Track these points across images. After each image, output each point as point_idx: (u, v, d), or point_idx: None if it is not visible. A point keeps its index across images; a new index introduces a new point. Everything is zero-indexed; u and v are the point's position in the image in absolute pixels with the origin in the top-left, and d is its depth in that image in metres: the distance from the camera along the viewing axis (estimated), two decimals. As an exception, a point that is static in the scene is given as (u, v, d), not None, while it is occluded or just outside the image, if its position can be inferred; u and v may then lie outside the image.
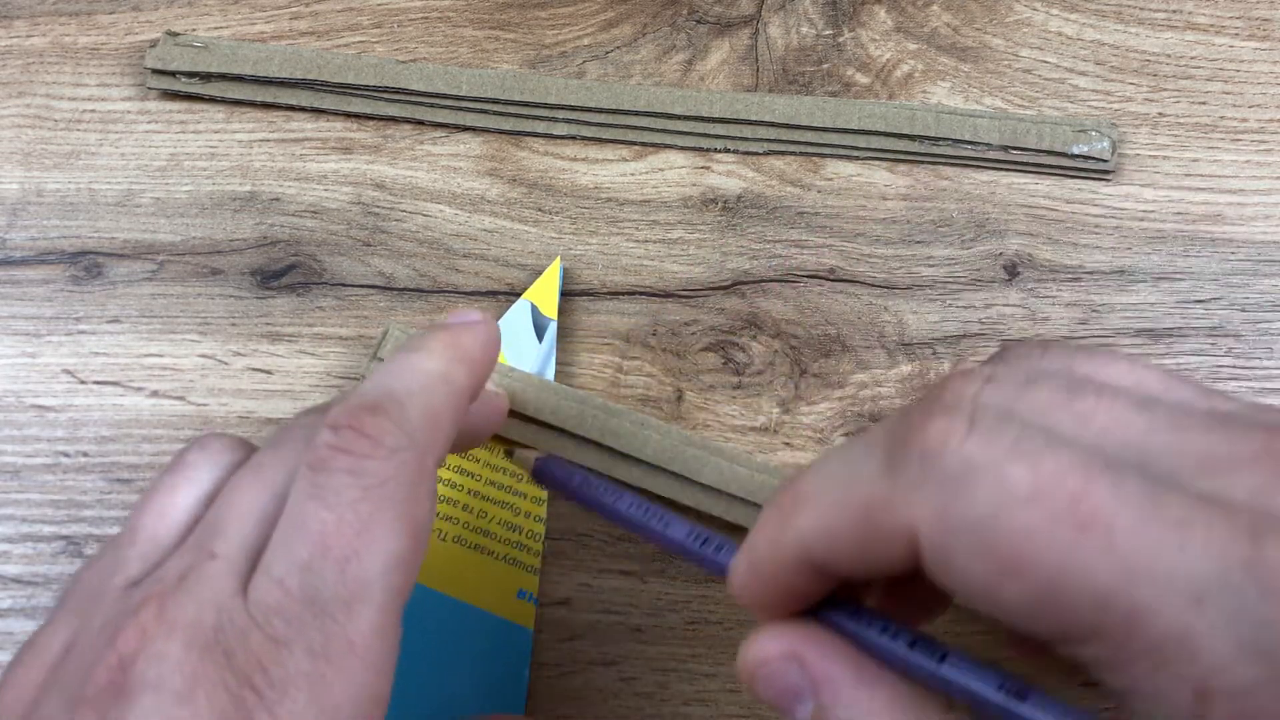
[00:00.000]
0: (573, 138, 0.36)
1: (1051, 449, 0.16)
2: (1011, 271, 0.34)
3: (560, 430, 0.31)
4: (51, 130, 0.36)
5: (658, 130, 0.35)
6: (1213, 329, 0.33)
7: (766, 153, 0.35)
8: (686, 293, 0.34)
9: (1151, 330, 0.33)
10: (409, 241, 0.35)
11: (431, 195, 0.35)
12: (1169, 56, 0.36)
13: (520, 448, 0.30)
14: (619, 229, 0.35)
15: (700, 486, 0.30)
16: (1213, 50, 0.36)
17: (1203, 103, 0.36)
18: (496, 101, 0.35)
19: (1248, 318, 0.33)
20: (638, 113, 0.35)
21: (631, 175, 0.35)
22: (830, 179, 0.35)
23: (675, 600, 0.31)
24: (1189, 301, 0.33)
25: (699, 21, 0.37)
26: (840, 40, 0.37)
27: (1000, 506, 0.15)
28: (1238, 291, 0.33)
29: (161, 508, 0.22)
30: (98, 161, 0.35)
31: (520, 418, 0.31)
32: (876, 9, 0.37)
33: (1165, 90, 0.36)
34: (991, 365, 0.19)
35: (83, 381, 0.33)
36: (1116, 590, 0.15)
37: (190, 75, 0.36)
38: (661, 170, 0.35)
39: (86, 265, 0.34)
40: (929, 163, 0.35)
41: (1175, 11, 0.37)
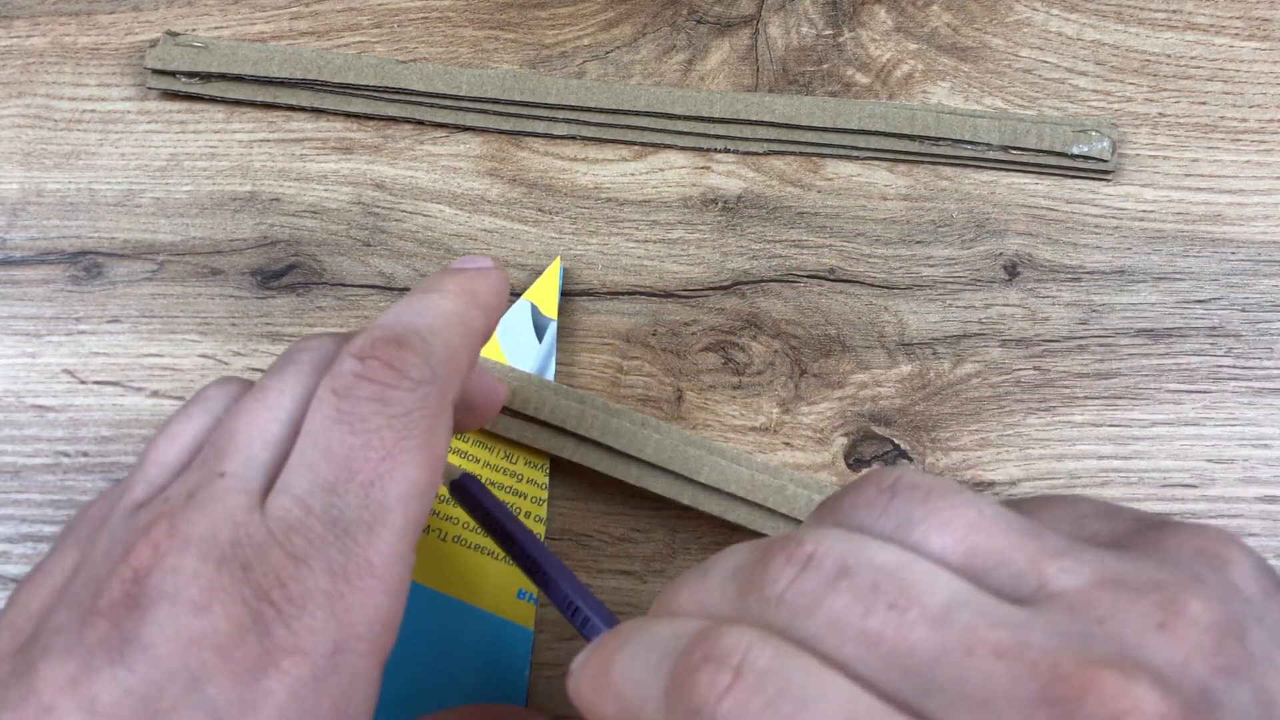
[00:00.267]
0: (573, 138, 0.36)
1: (806, 710, 0.15)
2: (1011, 271, 0.34)
3: (560, 430, 0.31)
4: (51, 130, 0.36)
5: (658, 130, 0.35)
6: (1213, 329, 0.33)
7: (766, 153, 0.35)
8: (686, 293, 0.34)
9: (1151, 330, 0.33)
10: (409, 241, 0.35)
11: (431, 195, 0.35)
12: (1169, 56, 0.36)
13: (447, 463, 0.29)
14: (619, 229, 0.35)
15: (700, 486, 0.30)
16: (1213, 50, 0.36)
17: (1203, 103, 0.36)
18: (496, 101, 0.35)
19: (1248, 318, 0.33)
20: (638, 113, 0.35)
21: (631, 175, 0.35)
22: (830, 179, 0.35)
23: (675, 600, 0.31)
24: (1189, 301, 0.33)
25: (699, 21, 0.37)
26: (840, 40, 0.37)
27: None
28: (1238, 291, 0.33)
29: (171, 435, 0.22)
30: (98, 161, 0.35)
31: (520, 417, 0.31)
32: (876, 9, 0.37)
33: (1165, 90, 0.36)
34: (820, 531, 0.17)
35: (83, 381, 0.33)
36: None
37: (190, 75, 0.36)
38: (661, 170, 0.35)
39: (86, 265, 0.34)
40: (929, 163, 0.35)
41: (1175, 11, 0.37)
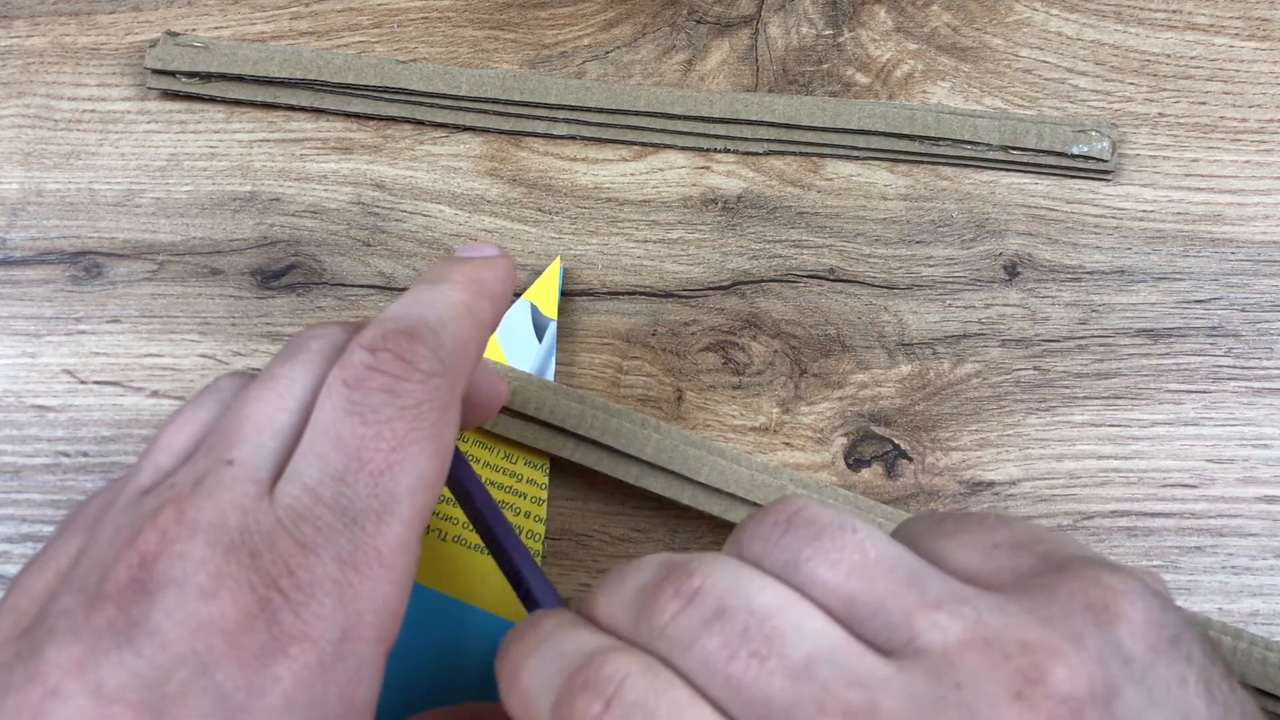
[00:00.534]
0: (573, 138, 0.36)
1: None
2: (1011, 271, 0.34)
3: (560, 430, 0.31)
4: (51, 130, 0.36)
5: (658, 130, 0.35)
6: (1213, 329, 0.33)
7: (766, 153, 0.35)
8: (686, 293, 0.34)
9: (1151, 330, 0.33)
10: (409, 241, 0.35)
11: (431, 195, 0.35)
12: (1169, 56, 0.36)
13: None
14: (619, 229, 0.35)
15: (699, 486, 0.30)
16: (1213, 50, 0.36)
17: (1203, 103, 0.36)
18: (496, 101, 0.35)
19: (1248, 318, 0.33)
20: (638, 113, 0.35)
21: (631, 175, 0.35)
22: (830, 179, 0.35)
23: (675, 600, 0.31)
24: (1189, 301, 0.33)
25: (699, 21, 0.37)
26: (840, 40, 0.37)
27: None
28: (1238, 291, 0.33)
29: (181, 423, 0.22)
30: (98, 161, 0.35)
31: (520, 417, 0.31)
32: (876, 9, 0.37)
33: (1165, 90, 0.36)
34: (709, 565, 0.18)
35: (83, 381, 0.33)
36: None
37: (190, 75, 0.36)
38: (661, 170, 0.35)
39: (86, 265, 0.34)
40: (929, 163, 0.35)
41: (1175, 11, 0.37)
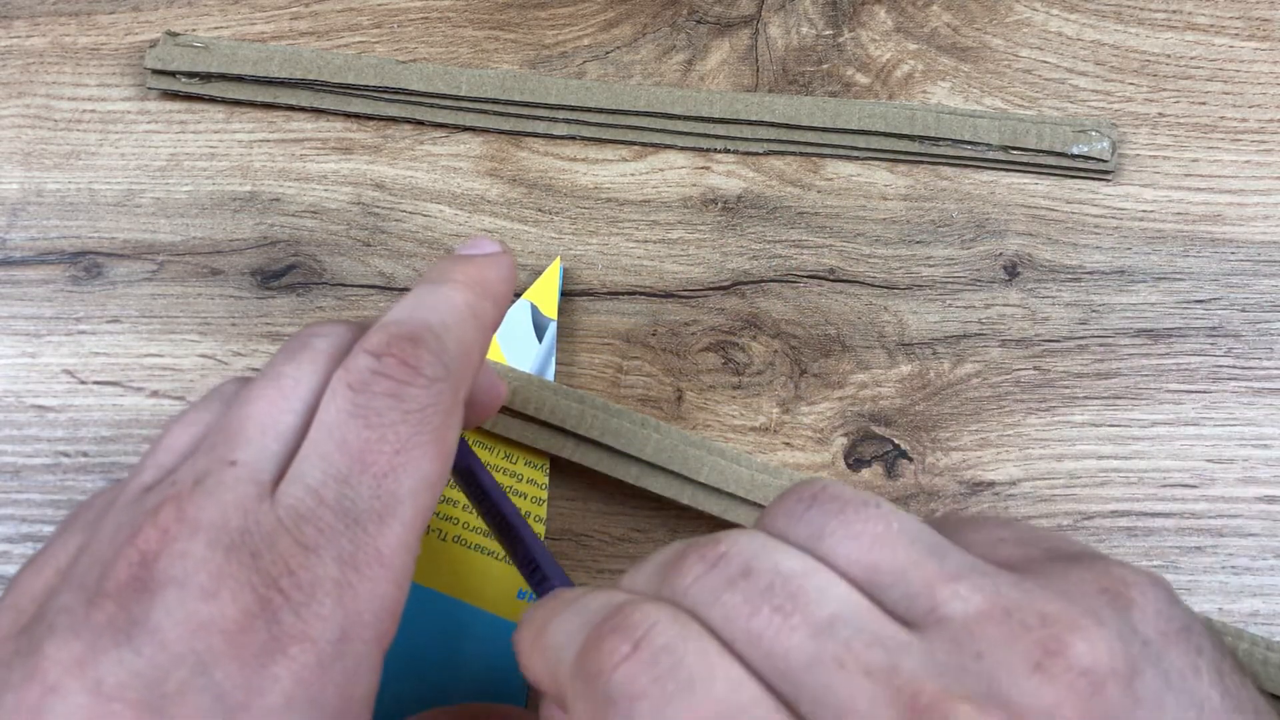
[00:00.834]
0: (573, 138, 0.36)
1: (686, 694, 0.16)
2: (1011, 271, 0.34)
3: (560, 430, 0.31)
4: (51, 130, 0.36)
5: (658, 130, 0.35)
6: (1213, 329, 0.33)
7: (766, 153, 0.35)
8: (686, 293, 0.34)
9: (1151, 330, 0.33)
10: (409, 241, 0.35)
11: (431, 195, 0.35)
12: (1169, 56, 0.36)
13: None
14: (619, 229, 0.35)
15: (699, 486, 0.30)
16: (1213, 50, 0.36)
17: (1203, 103, 0.36)
18: (496, 101, 0.35)
19: (1248, 318, 0.33)
20: (638, 113, 0.35)
21: (631, 175, 0.35)
22: (830, 179, 0.35)
23: (675, 600, 0.31)
24: (1189, 301, 0.33)
25: (699, 21, 0.37)
26: (840, 40, 0.37)
27: None
28: (1238, 291, 0.33)
29: (186, 423, 0.22)
30: (98, 161, 0.35)
31: (520, 417, 0.31)
32: (876, 9, 0.37)
33: (1165, 90, 0.36)
34: (737, 535, 0.19)
35: (83, 381, 0.33)
36: None
37: (190, 75, 0.36)
38: (661, 170, 0.35)
39: (86, 265, 0.34)
40: (929, 163, 0.35)
41: (1175, 11, 0.37)
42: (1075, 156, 0.34)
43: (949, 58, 0.36)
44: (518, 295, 0.33)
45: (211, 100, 0.36)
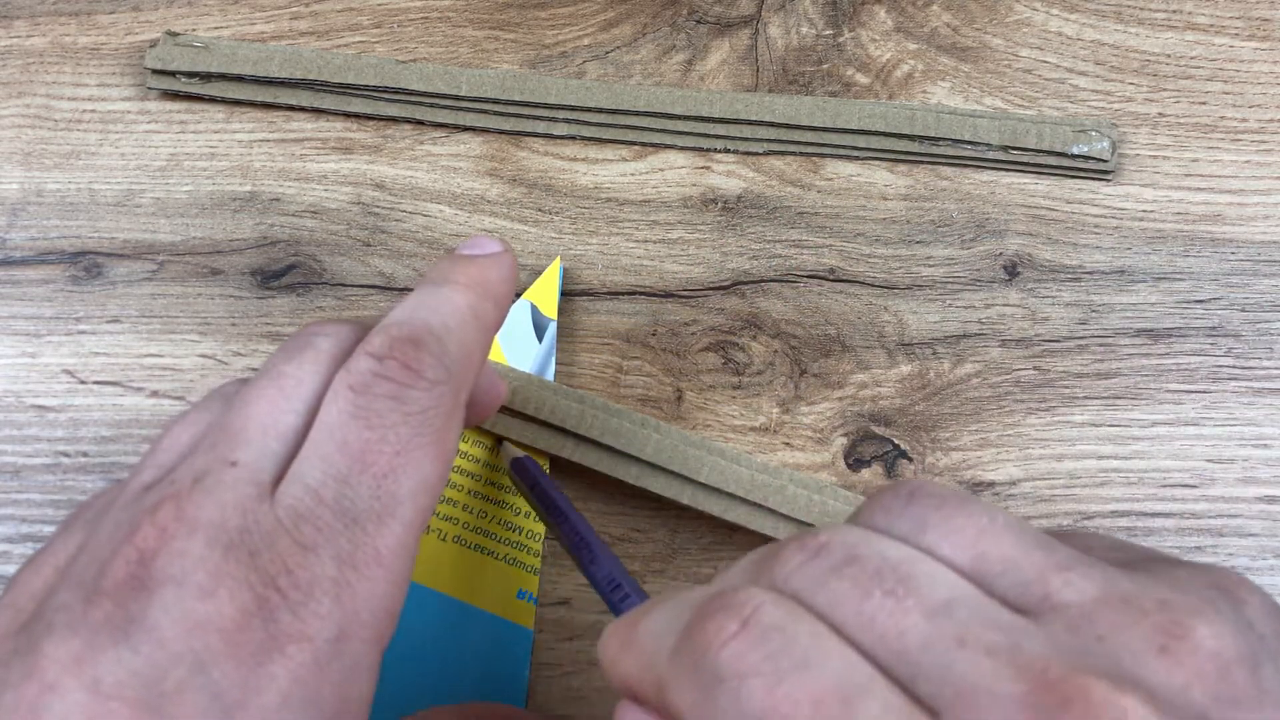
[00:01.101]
0: (573, 138, 0.36)
1: (800, 671, 0.16)
2: (1011, 271, 0.34)
3: (560, 430, 0.31)
4: (51, 130, 0.36)
5: (658, 130, 0.35)
6: (1213, 329, 0.33)
7: (766, 153, 0.35)
8: (686, 293, 0.34)
9: (1151, 330, 0.33)
10: (409, 241, 0.35)
11: (431, 195, 0.35)
12: (1169, 56, 0.36)
13: (513, 444, 0.30)
14: (619, 229, 0.35)
15: (699, 486, 0.30)
16: (1213, 50, 0.36)
17: (1203, 103, 0.36)
18: (496, 101, 0.35)
19: (1248, 318, 0.33)
20: (638, 113, 0.35)
21: (631, 175, 0.35)
22: (830, 179, 0.35)
23: (675, 600, 0.31)
24: (1189, 301, 0.33)
25: (699, 21, 0.37)
26: (840, 40, 0.37)
27: (735, 718, 0.16)
28: (1238, 291, 0.33)
29: (187, 423, 0.23)
30: (98, 161, 0.35)
31: (520, 417, 0.31)
32: (876, 9, 0.37)
33: (1165, 90, 0.36)
34: (838, 528, 0.18)
35: (83, 381, 0.33)
36: None
37: (190, 75, 0.36)
38: (661, 170, 0.35)
39: (86, 265, 0.34)
40: (929, 163, 0.35)
41: (1175, 11, 0.37)
42: (1075, 156, 0.34)
43: (949, 58, 0.36)
44: (518, 295, 0.33)
45: (211, 100, 0.36)
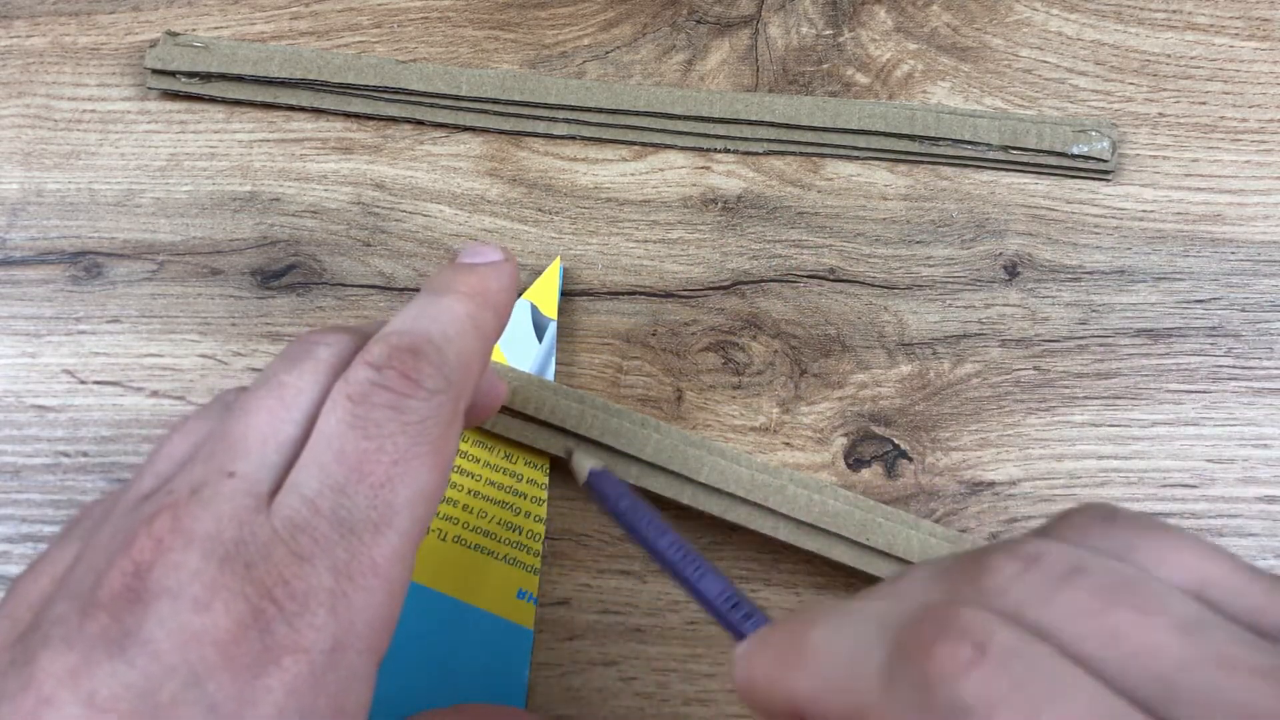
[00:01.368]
0: (573, 138, 0.36)
1: (1054, 702, 0.14)
2: (1011, 271, 0.34)
3: (560, 430, 0.31)
4: (51, 130, 0.36)
5: (658, 130, 0.35)
6: (1213, 329, 0.33)
7: (766, 153, 0.35)
8: (686, 293, 0.34)
9: (1151, 330, 0.33)
10: (409, 241, 0.35)
11: (431, 195, 0.35)
12: (1169, 56, 0.36)
13: (577, 453, 0.28)
14: (619, 229, 0.35)
15: (700, 486, 0.30)
16: (1213, 50, 0.36)
17: (1203, 103, 0.36)
18: (496, 101, 0.35)
19: (1248, 318, 0.33)
20: (638, 113, 0.35)
21: (631, 175, 0.35)
22: (830, 179, 0.35)
23: (675, 600, 0.31)
24: (1189, 301, 0.33)
25: (699, 21, 0.37)
26: (840, 40, 0.37)
27: None
28: (1238, 291, 0.33)
29: (185, 432, 0.22)
30: (98, 161, 0.35)
31: (520, 417, 0.31)
32: (876, 9, 0.37)
33: (1165, 90, 0.36)
34: (1042, 539, 0.17)
35: (83, 381, 0.33)
36: None
37: (190, 75, 0.36)
38: (661, 170, 0.35)
39: (86, 265, 0.34)
40: (929, 163, 0.35)
41: (1175, 11, 0.37)
42: (1075, 156, 0.34)
43: (949, 58, 0.36)
44: (518, 295, 0.33)
45: (211, 100, 0.36)
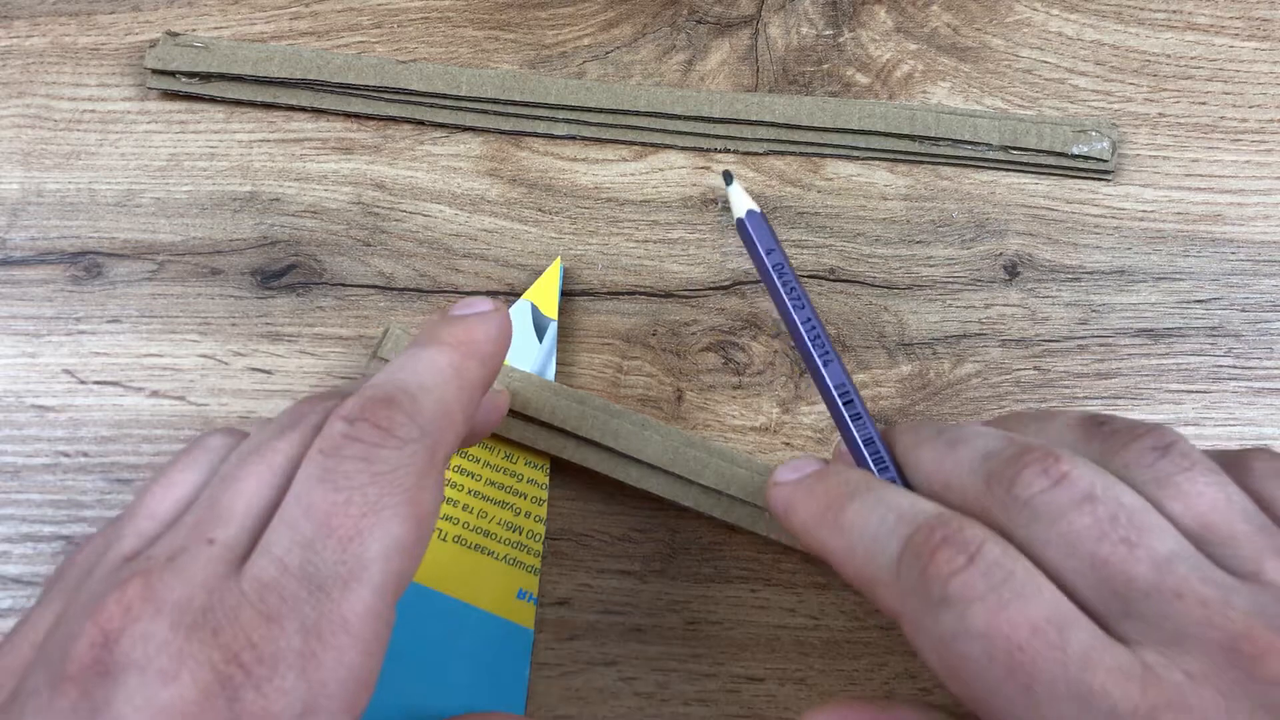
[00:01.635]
0: (573, 138, 0.36)
1: (1020, 600, 0.19)
2: (1011, 271, 0.34)
3: (560, 430, 0.31)
4: (51, 130, 0.36)
5: (658, 130, 0.35)
6: (1213, 329, 0.33)
7: (766, 153, 0.35)
8: (686, 293, 0.34)
9: (1151, 330, 0.33)
10: (409, 241, 0.35)
11: (431, 195, 0.35)
12: (1169, 56, 0.36)
13: (737, 183, 0.28)
14: (619, 229, 0.35)
15: (700, 487, 0.30)
16: (1213, 50, 0.36)
17: (1203, 103, 0.36)
18: (496, 101, 0.35)
19: (1248, 318, 0.33)
20: (638, 113, 0.35)
21: (631, 175, 0.35)
22: (830, 179, 0.35)
23: (675, 600, 0.31)
24: (1189, 301, 0.33)
25: (699, 21, 0.37)
26: (840, 40, 0.37)
27: (956, 636, 0.19)
28: (1238, 291, 0.33)
29: (167, 485, 0.22)
30: (98, 161, 0.35)
31: (520, 417, 0.31)
32: (876, 9, 0.37)
33: (1165, 90, 0.36)
34: (1078, 457, 0.21)
35: (83, 381, 0.33)
36: None
37: (190, 75, 0.36)
38: (661, 170, 0.35)
39: (86, 265, 0.34)
40: (929, 163, 0.35)
41: (1175, 11, 0.37)
42: (1075, 156, 0.34)
43: (949, 58, 0.36)
44: (518, 295, 0.33)
45: (211, 100, 0.36)
